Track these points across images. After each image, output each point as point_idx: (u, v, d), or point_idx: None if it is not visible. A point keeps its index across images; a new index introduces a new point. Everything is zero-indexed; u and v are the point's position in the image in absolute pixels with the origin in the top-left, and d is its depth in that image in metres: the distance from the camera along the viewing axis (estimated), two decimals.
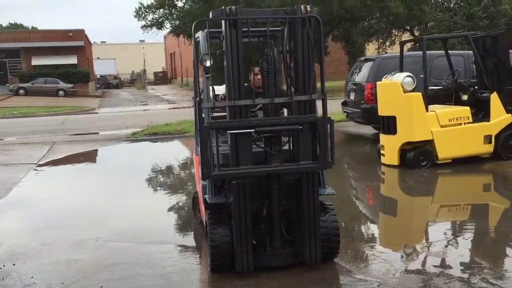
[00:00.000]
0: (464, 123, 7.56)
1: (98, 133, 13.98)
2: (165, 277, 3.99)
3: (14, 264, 4.33)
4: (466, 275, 3.83)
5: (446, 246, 4.54)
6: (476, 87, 8.00)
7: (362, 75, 10.12)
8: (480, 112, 7.81)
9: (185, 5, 30.02)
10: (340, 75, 29.35)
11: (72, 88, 33.84)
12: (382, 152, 7.85)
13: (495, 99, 7.61)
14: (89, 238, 4.96)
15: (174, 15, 30.37)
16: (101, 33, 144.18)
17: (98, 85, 47.48)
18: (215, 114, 4.94)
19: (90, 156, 10.65)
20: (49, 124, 16.39)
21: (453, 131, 7.49)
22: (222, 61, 3.72)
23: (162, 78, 57.49)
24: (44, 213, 6.16)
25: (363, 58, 11.19)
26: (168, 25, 31.45)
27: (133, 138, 12.28)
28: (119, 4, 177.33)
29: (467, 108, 7.66)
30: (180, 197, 6.76)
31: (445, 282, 3.69)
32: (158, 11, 30.13)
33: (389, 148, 7.67)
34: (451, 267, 4.00)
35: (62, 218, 5.87)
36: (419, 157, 7.43)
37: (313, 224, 3.84)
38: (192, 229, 5.26)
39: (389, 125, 7.61)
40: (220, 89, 6.46)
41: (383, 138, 7.81)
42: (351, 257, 4.25)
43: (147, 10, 30.06)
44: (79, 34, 38.40)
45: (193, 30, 3.88)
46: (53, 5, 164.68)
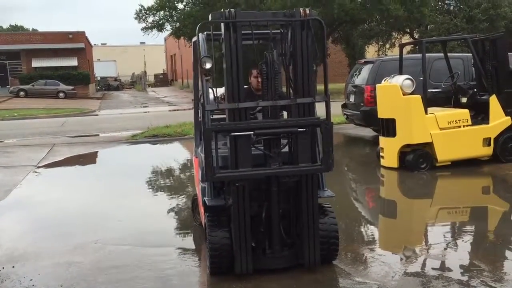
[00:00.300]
0: (463, 126, 7.56)
1: (98, 135, 13.99)
2: (164, 280, 3.99)
3: (13, 267, 4.34)
4: (465, 278, 3.83)
5: (445, 249, 4.54)
6: (475, 90, 8.01)
7: (362, 78, 10.14)
8: (479, 115, 7.82)
9: (186, 7, 30.08)
10: (340, 78, 29.35)
11: (73, 90, 33.86)
12: (382, 155, 7.85)
13: (494, 102, 7.62)
14: (88, 241, 4.97)
15: (175, 17, 30.41)
16: (102, 35, 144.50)
17: (99, 87, 47.50)
18: (214, 117, 4.94)
19: (90, 158, 10.66)
20: (49, 126, 16.40)
21: (453, 134, 7.49)
22: (222, 64, 3.73)
23: (163, 80, 57.51)
24: (44, 215, 6.17)
25: (363, 61, 11.21)
26: (169, 27, 31.50)
27: (133, 140, 12.28)
28: (120, 6, 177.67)
29: (466, 111, 7.67)
30: (180, 199, 6.76)
31: (444, 285, 3.69)
32: (159, 13, 30.17)
33: (389, 151, 7.68)
34: (451, 270, 4.00)
35: (62, 220, 5.87)
36: (419, 160, 7.44)
37: (313, 227, 3.84)
38: (192, 232, 5.27)
39: (389, 128, 7.62)
40: (219, 92, 6.45)
41: (383, 141, 7.82)
42: (350, 260, 4.25)
43: (148, 12, 30.10)
44: (80, 36, 38.44)
45: (197, 33, 3.87)
46: (53, 7, 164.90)
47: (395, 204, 6.58)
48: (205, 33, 4.12)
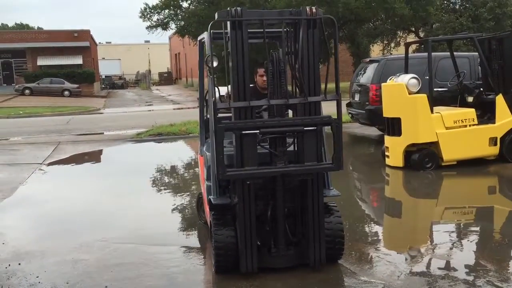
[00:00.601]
0: (469, 125, 7.53)
1: (103, 133, 14.03)
2: (170, 278, 4.00)
3: (20, 264, 4.35)
4: (471, 278, 3.82)
5: (451, 249, 4.53)
6: (482, 89, 7.98)
7: (367, 77, 10.11)
8: (486, 114, 7.78)
9: (190, 6, 30.08)
10: (345, 76, 29.26)
11: (77, 88, 33.95)
12: (387, 154, 7.83)
13: (501, 101, 7.58)
14: (94, 238, 4.98)
15: (179, 16, 30.43)
16: (106, 33, 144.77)
17: (103, 86, 47.60)
18: (219, 115, 4.93)
19: (95, 156, 10.69)
20: (55, 124, 16.46)
21: (458, 133, 7.47)
22: (224, 63, 3.72)
23: (167, 79, 57.58)
24: (49, 213, 6.19)
25: (368, 60, 11.19)
26: (173, 26, 31.54)
27: (138, 139, 12.31)
28: (125, 5, 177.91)
29: (472, 110, 7.63)
30: (185, 198, 6.77)
31: (450, 285, 3.68)
32: (164, 12, 30.20)
33: (394, 150, 7.65)
34: (456, 270, 3.99)
35: (67, 218, 5.89)
36: (424, 159, 7.41)
37: (318, 226, 3.83)
38: (197, 230, 5.27)
39: (394, 127, 7.60)
40: (224, 90, 6.45)
41: (388, 140, 7.80)
42: (356, 259, 4.24)
43: (153, 11, 30.13)
44: (85, 35, 38.54)
45: (209, 30, 3.85)
46: (58, 6, 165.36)
47: (400, 204, 6.56)
48: (210, 32, 4.11)
